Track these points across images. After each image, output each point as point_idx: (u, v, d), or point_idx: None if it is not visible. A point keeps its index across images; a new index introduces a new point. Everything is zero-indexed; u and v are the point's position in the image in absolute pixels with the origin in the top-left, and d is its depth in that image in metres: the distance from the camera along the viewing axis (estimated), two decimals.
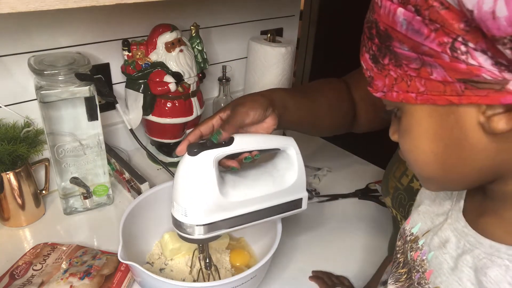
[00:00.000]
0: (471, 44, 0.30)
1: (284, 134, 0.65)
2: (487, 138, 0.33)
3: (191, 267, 0.71)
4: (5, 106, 0.80)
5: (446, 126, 0.34)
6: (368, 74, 0.39)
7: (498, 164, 0.34)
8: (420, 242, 0.45)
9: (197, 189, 0.56)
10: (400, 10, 0.32)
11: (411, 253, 0.46)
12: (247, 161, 0.61)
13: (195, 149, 0.55)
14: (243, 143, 0.58)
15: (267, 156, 0.64)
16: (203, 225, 0.57)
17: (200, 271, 0.68)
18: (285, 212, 0.65)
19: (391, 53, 0.35)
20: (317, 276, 0.73)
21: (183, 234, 0.58)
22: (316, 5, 2.02)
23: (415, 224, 0.49)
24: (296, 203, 0.65)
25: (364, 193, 0.96)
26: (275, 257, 0.70)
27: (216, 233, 0.59)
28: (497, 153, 0.33)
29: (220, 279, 0.68)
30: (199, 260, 0.68)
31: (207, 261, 0.66)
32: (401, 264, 0.49)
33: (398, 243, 0.52)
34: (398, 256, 0.50)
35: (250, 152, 0.60)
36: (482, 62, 0.29)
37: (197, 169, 0.55)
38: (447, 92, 0.32)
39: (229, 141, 0.57)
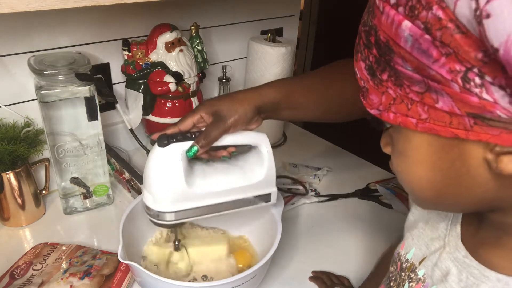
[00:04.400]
0: (488, 78, 0.25)
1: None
2: (491, 174, 0.29)
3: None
4: (5, 106, 0.80)
5: (447, 158, 0.31)
6: (363, 85, 0.35)
7: (497, 198, 0.31)
8: (420, 273, 0.42)
9: (163, 179, 0.58)
10: (406, 24, 0.28)
11: (411, 284, 0.43)
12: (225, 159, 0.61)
13: (165, 140, 0.57)
14: None
15: (242, 148, 0.65)
16: (170, 212, 0.59)
17: (169, 254, 0.70)
18: (253, 205, 0.66)
19: (391, 69, 0.30)
20: (317, 276, 0.73)
21: (151, 219, 0.61)
22: (316, 5, 2.03)
23: (410, 249, 0.46)
24: (265, 197, 0.66)
25: (364, 193, 0.96)
26: (275, 257, 0.70)
27: (182, 220, 0.61)
28: (499, 189, 0.30)
29: (188, 258, 0.70)
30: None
31: (176, 243, 0.69)
32: None
33: (391, 268, 0.48)
34: (392, 284, 0.47)
35: (224, 147, 0.61)
36: (499, 98, 0.25)
37: (164, 160, 0.57)
38: (453, 125, 0.28)
39: (199, 135, 0.58)
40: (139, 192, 0.84)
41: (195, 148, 0.57)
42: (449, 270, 0.38)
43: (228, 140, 0.60)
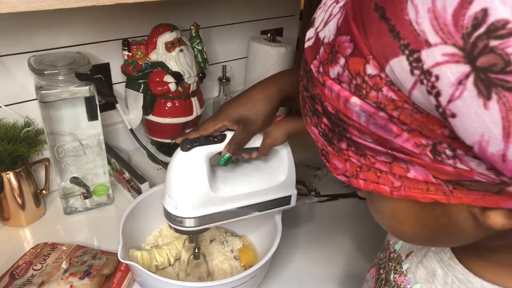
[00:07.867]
0: (459, 151, 0.23)
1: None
2: (479, 225, 0.27)
3: (174, 259, 0.71)
4: (5, 106, 0.80)
5: (430, 216, 0.29)
6: (320, 147, 0.31)
7: (484, 237, 0.30)
8: (405, 267, 0.42)
9: (188, 183, 0.57)
10: (355, 101, 0.24)
11: (395, 276, 0.43)
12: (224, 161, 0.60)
13: (187, 144, 0.56)
14: None
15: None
16: (193, 218, 0.59)
17: (188, 261, 0.69)
18: (274, 208, 0.66)
19: (348, 139, 0.27)
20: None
21: (174, 225, 0.60)
22: (316, 5, 2.02)
23: (398, 239, 0.46)
24: (285, 200, 0.66)
25: None
26: (275, 257, 0.70)
27: (205, 226, 0.60)
28: (487, 233, 0.28)
29: (207, 266, 0.69)
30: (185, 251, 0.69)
31: (196, 251, 0.67)
32: (383, 282, 0.46)
33: (381, 255, 0.49)
34: (381, 272, 0.47)
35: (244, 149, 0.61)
36: (475, 166, 0.23)
37: (188, 164, 0.57)
38: (431, 191, 0.26)
39: (221, 138, 0.58)
40: (139, 192, 0.84)
41: (227, 156, 0.57)
42: (435, 271, 0.38)
43: (250, 143, 0.60)
